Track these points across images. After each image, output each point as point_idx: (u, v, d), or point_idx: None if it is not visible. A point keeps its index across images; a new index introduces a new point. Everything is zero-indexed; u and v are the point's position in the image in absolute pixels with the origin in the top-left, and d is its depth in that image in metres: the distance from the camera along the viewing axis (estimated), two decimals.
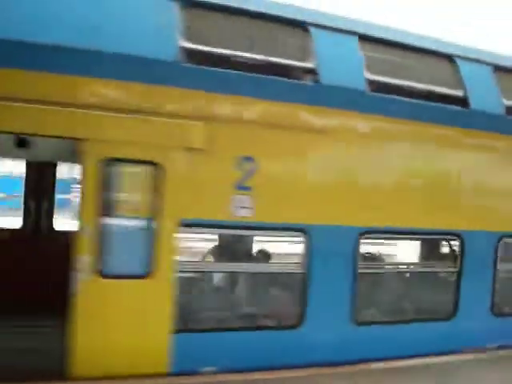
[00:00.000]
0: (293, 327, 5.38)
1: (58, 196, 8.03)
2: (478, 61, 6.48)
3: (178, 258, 4.88)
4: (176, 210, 4.83)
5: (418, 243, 7.50)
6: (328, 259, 5.42)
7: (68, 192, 18.81)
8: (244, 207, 5.10)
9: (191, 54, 4.97)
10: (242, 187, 5.07)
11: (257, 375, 4.88)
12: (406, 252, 8.10)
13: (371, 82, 5.67)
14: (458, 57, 6.36)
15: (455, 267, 6.14)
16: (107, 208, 4.66)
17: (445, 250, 6.88)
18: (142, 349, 4.81)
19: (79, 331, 4.57)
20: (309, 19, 5.64)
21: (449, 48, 6.41)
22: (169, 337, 4.86)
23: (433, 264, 6.94)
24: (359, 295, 5.60)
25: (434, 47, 6.33)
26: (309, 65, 5.48)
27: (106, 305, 4.68)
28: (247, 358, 5.13)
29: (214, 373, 4.99)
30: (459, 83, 6.22)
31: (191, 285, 5.36)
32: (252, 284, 5.88)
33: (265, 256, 6.61)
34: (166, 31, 4.94)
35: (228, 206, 5.04)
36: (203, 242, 9.06)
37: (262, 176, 5.13)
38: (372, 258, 6.84)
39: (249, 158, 5.10)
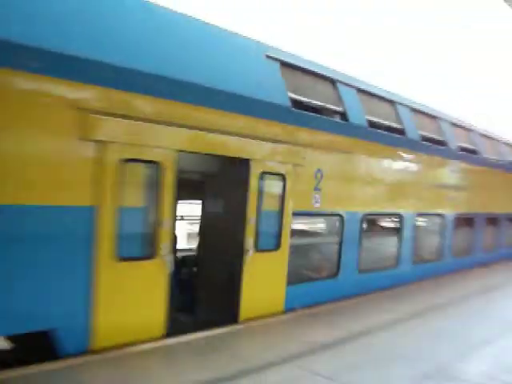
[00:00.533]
0: (335, 276, 8.49)
1: None
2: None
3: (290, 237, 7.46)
4: (291, 205, 7.38)
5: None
6: (350, 233, 8.65)
7: None
8: (317, 202, 7.92)
9: (293, 102, 7.49)
10: (316, 189, 7.87)
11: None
12: None
13: (369, 121, 9.02)
14: (398, 102, 10.25)
15: (398, 235, 10.09)
16: (260, 205, 6.95)
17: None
18: (274, 295, 7.29)
19: (244, 287, 6.81)
20: (337, 77, 8.63)
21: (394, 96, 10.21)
22: (284, 288, 7.43)
23: (388, 233, 10.78)
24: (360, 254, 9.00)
25: (387, 95, 10.01)
26: (341, 109, 8.51)
27: (259, 269, 6.99)
28: (317, 297, 8.02)
29: (302, 308, 7.71)
30: (398, 118, 10.07)
31: (292, 254, 7.85)
32: (318, 252, 8.72)
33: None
34: (282, 86, 7.37)
35: (311, 201, 7.80)
36: None
37: (324, 182, 8.00)
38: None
39: (319, 170, 7.91)
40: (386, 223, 10.81)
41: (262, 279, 7.12)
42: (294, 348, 5.62)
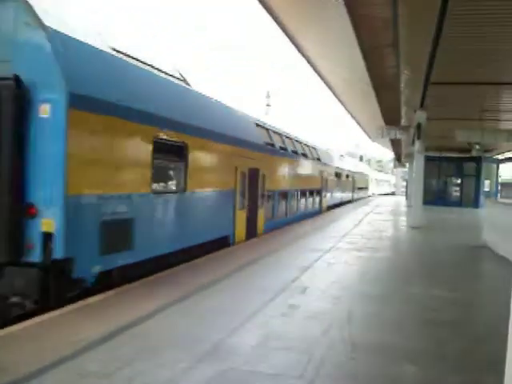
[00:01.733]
0: (273, 219, 16.36)
1: None
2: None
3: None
4: (266, 187, 15.15)
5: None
6: (275, 200, 16.71)
7: None
8: (269, 185, 15.67)
9: (264, 142, 15.41)
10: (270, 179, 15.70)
11: None
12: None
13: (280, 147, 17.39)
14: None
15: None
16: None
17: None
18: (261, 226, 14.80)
19: (258, 221, 14.50)
20: (268, 126, 16.56)
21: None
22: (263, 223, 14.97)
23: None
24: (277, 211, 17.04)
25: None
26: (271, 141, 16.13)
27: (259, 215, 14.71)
28: (270, 228, 15.40)
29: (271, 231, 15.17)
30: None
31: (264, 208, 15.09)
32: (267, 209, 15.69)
33: None
34: (260, 136, 15.22)
35: (270, 185, 15.65)
36: None
37: (271, 176, 15.73)
38: None
39: (269, 170, 15.54)
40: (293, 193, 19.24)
41: (261, 219, 14.75)
42: (65, 349, 4.66)
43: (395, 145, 36.74)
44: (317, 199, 23.88)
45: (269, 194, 15.51)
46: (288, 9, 11.65)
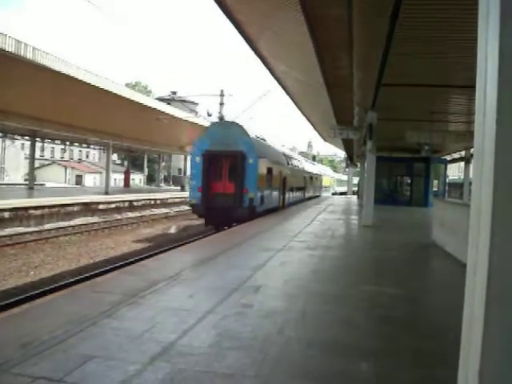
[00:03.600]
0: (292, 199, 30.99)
1: None
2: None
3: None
4: (288, 184, 28.76)
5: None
6: (292, 191, 30.74)
7: None
8: (289, 183, 24.92)
9: (286, 161, 22.62)
10: (289, 180, 22.34)
11: None
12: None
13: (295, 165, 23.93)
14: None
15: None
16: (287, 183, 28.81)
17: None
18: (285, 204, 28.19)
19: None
20: (288, 153, 33.55)
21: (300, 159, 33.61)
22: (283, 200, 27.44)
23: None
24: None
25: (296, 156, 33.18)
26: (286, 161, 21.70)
27: (286, 197, 28.46)
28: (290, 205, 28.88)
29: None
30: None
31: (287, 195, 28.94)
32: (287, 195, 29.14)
33: None
34: (284, 159, 28.53)
35: (291, 183, 27.71)
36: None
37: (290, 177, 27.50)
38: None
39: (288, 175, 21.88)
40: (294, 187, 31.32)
41: (286, 200, 27.92)
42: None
43: (347, 145, 37.46)
44: (302, 192, 36.64)
45: (287, 188, 27.94)
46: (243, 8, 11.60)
